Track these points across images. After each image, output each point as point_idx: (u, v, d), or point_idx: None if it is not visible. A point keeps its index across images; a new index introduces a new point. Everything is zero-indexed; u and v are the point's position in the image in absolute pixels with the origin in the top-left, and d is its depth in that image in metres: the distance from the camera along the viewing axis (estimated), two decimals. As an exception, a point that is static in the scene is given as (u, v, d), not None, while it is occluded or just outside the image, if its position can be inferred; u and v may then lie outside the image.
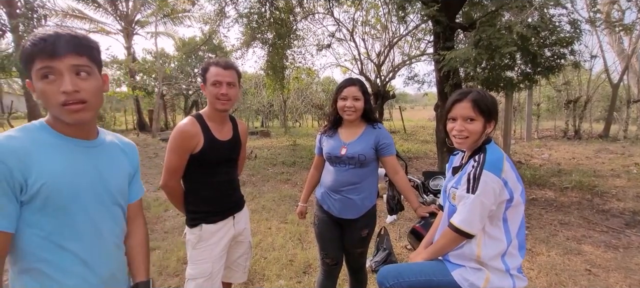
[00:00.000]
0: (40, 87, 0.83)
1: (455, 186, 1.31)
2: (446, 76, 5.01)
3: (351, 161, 1.78)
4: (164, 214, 4.42)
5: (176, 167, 1.55)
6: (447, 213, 1.38)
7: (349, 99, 1.76)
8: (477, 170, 1.19)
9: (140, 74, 16.13)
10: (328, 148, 1.84)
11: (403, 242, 3.41)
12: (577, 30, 4.83)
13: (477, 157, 1.24)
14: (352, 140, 1.81)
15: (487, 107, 1.26)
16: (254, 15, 7.66)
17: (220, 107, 1.57)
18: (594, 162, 7.67)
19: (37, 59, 0.82)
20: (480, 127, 1.27)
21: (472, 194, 1.18)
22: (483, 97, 1.27)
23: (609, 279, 2.73)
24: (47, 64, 0.82)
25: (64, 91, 0.82)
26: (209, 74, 1.56)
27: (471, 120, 1.26)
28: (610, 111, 12.34)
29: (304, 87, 17.91)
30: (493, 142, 1.30)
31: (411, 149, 10.30)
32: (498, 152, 1.24)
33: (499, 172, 1.18)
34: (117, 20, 16.60)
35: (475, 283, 1.25)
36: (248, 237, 1.84)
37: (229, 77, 1.56)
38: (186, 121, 1.57)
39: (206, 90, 1.59)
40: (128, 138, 1.19)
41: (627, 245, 3.38)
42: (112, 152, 1.02)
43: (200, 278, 1.57)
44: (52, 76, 0.82)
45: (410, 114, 26.92)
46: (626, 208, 4.43)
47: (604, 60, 12.74)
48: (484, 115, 1.26)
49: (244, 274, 1.86)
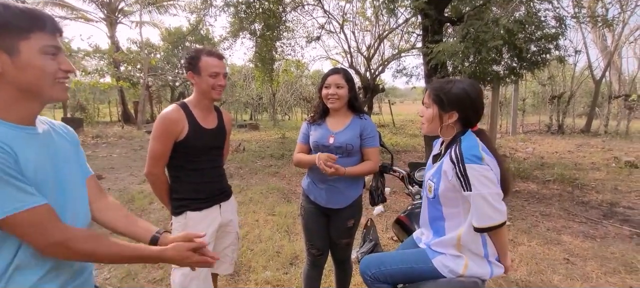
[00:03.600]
0: (40, 63, 0.77)
1: (431, 179, 1.33)
2: (434, 69, 5.04)
3: (339, 151, 1.78)
4: (149, 207, 4.34)
5: (160, 153, 1.54)
6: (426, 203, 1.40)
7: (332, 86, 1.77)
8: (459, 166, 1.19)
9: (125, 64, 15.72)
10: (316, 138, 1.83)
11: (390, 233, 3.44)
12: (562, 25, 4.92)
13: (454, 152, 1.22)
14: (340, 129, 1.81)
15: (439, 97, 1.30)
16: (242, 5, 7.52)
17: (216, 97, 1.61)
18: (575, 155, 7.89)
19: (41, 33, 0.77)
20: (433, 114, 1.32)
21: (470, 191, 1.18)
22: (440, 87, 1.31)
23: (586, 267, 2.83)
24: (54, 43, 0.80)
25: (67, 70, 0.83)
26: (203, 63, 1.56)
27: (426, 107, 1.36)
28: (592, 107, 12.70)
29: (294, 79, 17.79)
30: (470, 132, 1.29)
31: (400, 143, 10.39)
32: (471, 141, 1.24)
33: (479, 160, 1.18)
34: (99, 8, 16.08)
35: (455, 270, 1.27)
36: (235, 228, 1.83)
37: (224, 68, 1.61)
38: (170, 108, 1.57)
39: (197, 79, 1.57)
40: (113, 130, 1.13)
41: (604, 235, 3.50)
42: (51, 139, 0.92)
43: (187, 268, 1.55)
44: (55, 54, 0.81)
45: (400, 108, 27.10)
46: (604, 200, 4.58)
47: (588, 57, 13.09)
48: (437, 103, 1.31)
49: (230, 266, 1.84)
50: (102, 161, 7.35)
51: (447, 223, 1.32)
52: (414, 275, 1.35)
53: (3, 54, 0.75)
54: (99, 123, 16.15)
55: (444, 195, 1.28)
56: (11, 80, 0.77)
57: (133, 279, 2.62)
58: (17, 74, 0.77)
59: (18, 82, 0.77)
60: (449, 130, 1.31)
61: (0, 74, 0.76)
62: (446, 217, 1.32)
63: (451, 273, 1.29)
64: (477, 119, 1.32)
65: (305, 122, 1.96)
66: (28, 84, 0.78)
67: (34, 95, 0.81)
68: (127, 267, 2.72)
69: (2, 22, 0.74)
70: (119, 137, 11.32)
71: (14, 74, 0.76)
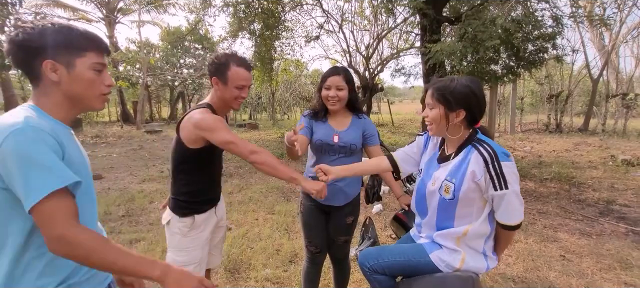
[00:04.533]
0: (90, 77, 0.93)
1: (449, 179, 1.28)
2: (432, 69, 5.07)
3: (342, 150, 1.79)
4: (148, 206, 4.37)
5: (234, 135, 1.50)
6: (438, 201, 1.33)
7: (333, 88, 1.76)
8: (495, 165, 1.19)
9: (124, 64, 15.70)
10: (320, 135, 1.80)
11: (388, 231, 3.47)
12: (560, 24, 4.96)
13: (486, 150, 1.21)
14: (343, 129, 1.82)
15: (444, 96, 1.27)
16: (241, 5, 7.53)
17: (236, 108, 1.66)
18: (573, 154, 7.94)
19: (94, 53, 0.93)
20: (439, 114, 1.28)
21: (506, 190, 1.19)
22: (444, 86, 1.28)
23: (582, 264, 2.87)
24: (102, 61, 0.95)
25: (110, 85, 0.99)
26: (232, 73, 1.52)
27: (431, 108, 1.32)
28: (590, 105, 12.74)
29: (293, 79, 17.82)
30: (480, 134, 1.30)
31: (398, 142, 10.42)
32: (491, 140, 1.27)
33: (510, 157, 1.22)
34: (98, 7, 16.07)
35: (451, 264, 1.30)
36: (225, 222, 1.88)
37: (251, 80, 1.61)
38: (205, 110, 1.53)
39: (222, 88, 1.54)
40: (112, 130, 1.21)
41: (600, 232, 3.54)
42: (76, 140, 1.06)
43: (191, 265, 1.58)
44: (101, 71, 0.96)
45: (399, 107, 27.17)
46: (601, 198, 4.62)
47: (586, 56, 13.17)
48: (442, 103, 1.27)
49: (219, 257, 1.90)
50: (101, 161, 7.37)
51: (456, 222, 1.32)
52: (411, 267, 1.37)
53: (62, 67, 0.90)
54: (98, 123, 16.14)
55: (464, 196, 1.25)
56: (64, 89, 0.92)
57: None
58: (70, 85, 0.92)
59: (69, 91, 0.92)
60: (457, 129, 1.30)
61: (57, 83, 0.91)
62: (457, 219, 1.31)
63: (448, 268, 1.31)
64: (482, 115, 1.32)
65: (306, 116, 1.88)
66: (77, 93, 0.93)
67: (78, 102, 0.96)
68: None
69: (66, 42, 0.90)
70: (118, 137, 11.33)
71: (68, 84, 0.91)
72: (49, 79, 0.89)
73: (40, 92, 0.92)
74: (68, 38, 0.89)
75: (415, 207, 1.48)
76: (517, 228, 1.27)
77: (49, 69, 0.88)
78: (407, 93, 40.66)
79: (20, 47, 0.87)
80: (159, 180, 5.73)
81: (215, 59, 1.56)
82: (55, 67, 0.89)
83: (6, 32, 0.91)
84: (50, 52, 0.88)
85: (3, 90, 10.63)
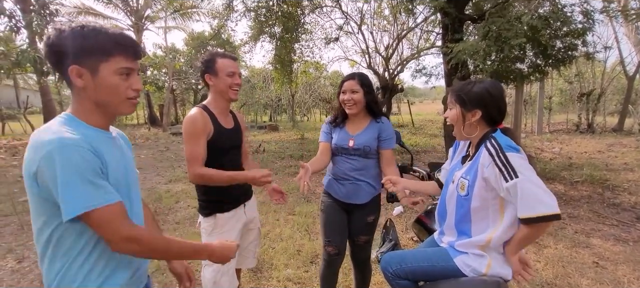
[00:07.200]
0: (114, 82, 0.89)
1: (464, 176, 1.31)
2: (454, 68, 4.97)
3: (357, 152, 1.86)
4: (175, 205, 4.53)
5: (198, 153, 1.55)
6: (456, 200, 1.34)
7: (348, 92, 1.84)
8: (500, 156, 1.16)
9: (151, 68, 16.34)
10: (336, 140, 1.91)
11: (410, 233, 3.44)
12: (590, 20, 4.73)
13: (491, 143, 1.21)
14: (359, 132, 1.89)
15: (461, 97, 1.32)
16: (262, 9, 7.68)
17: (234, 97, 1.68)
18: (606, 155, 7.53)
19: (121, 57, 0.89)
20: (456, 114, 1.34)
21: (516, 179, 1.12)
22: (460, 88, 1.34)
23: (617, 272, 2.72)
24: (130, 65, 0.91)
25: (137, 89, 0.94)
26: (219, 64, 1.62)
27: (450, 109, 1.38)
28: (625, 104, 12.04)
29: (312, 81, 17.91)
30: (499, 131, 1.29)
31: (419, 143, 10.26)
32: (504, 137, 1.24)
33: (518, 150, 1.18)
34: (128, 15, 16.82)
35: (477, 269, 1.27)
36: (257, 224, 1.92)
37: (239, 68, 1.69)
38: (194, 111, 1.61)
39: (215, 80, 1.64)
40: (140, 132, 1.26)
41: (637, 238, 3.34)
42: (120, 143, 1.06)
43: (218, 264, 1.63)
44: (129, 75, 0.92)
45: (420, 108, 26.73)
46: (638, 202, 4.37)
47: (620, 52, 12.42)
48: (459, 103, 1.33)
49: (253, 260, 1.94)
50: (130, 162, 7.70)
51: (474, 226, 1.31)
52: (435, 273, 1.36)
53: (87, 72, 0.88)
54: (127, 125, 16.88)
55: (477, 193, 1.26)
56: (90, 95, 0.90)
57: (162, 274, 2.76)
58: (95, 91, 0.90)
59: (95, 97, 0.91)
60: (473, 129, 1.32)
61: (83, 88, 0.89)
62: (474, 218, 1.30)
63: (473, 272, 1.29)
64: (502, 117, 1.31)
65: (326, 123, 2.01)
66: (102, 100, 0.91)
67: (106, 108, 0.94)
68: (156, 262, 2.86)
69: (90, 46, 0.86)
70: (145, 138, 11.80)
71: (93, 90, 0.90)
72: (75, 85, 0.88)
73: (74, 99, 0.91)
74: (93, 42, 0.86)
75: (438, 211, 1.47)
76: (544, 221, 1.09)
77: (74, 75, 0.87)
78: (428, 93, 39.84)
79: (51, 50, 0.86)
80: (185, 181, 5.92)
81: (201, 61, 1.69)
82: (80, 72, 0.87)
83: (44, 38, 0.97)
84: (76, 57, 0.85)
85: (42, 95, 11.34)
